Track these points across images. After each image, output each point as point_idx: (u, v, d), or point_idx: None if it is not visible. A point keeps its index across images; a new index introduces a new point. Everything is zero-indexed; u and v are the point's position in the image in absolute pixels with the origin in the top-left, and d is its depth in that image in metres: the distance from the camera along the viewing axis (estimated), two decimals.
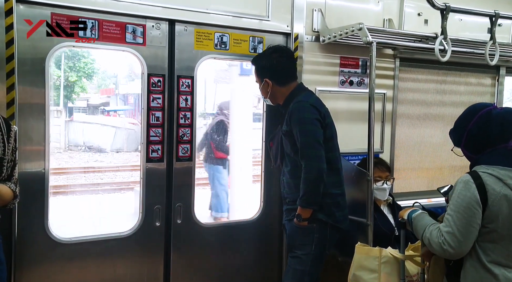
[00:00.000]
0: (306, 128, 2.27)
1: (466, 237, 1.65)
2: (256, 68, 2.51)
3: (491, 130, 1.71)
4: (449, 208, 1.71)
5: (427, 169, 3.48)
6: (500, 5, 3.07)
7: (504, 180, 1.63)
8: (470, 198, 1.63)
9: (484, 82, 3.63)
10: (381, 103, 3.13)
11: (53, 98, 11.54)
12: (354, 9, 3.01)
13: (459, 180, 1.70)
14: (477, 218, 1.63)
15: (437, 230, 1.71)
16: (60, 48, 2.26)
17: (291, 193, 2.41)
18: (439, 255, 1.77)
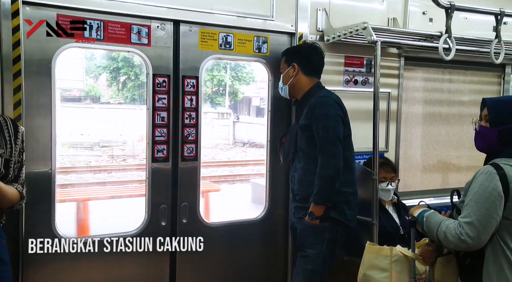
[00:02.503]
0: (329, 123, 2.28)
1: (485, 227, 1.62)
2: (287, 54, 2.56)
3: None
4: (469, 199, 1.67)
5: (432, 168, 3.47)
6: (506, 3, 3.05)
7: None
8: (492, 189, 1.62)
9: (489, 81, 3.61)
10: (386, 102, 3.12)
11: (221, 102, 14.68)
12: (358, 8, 3.01)
13: (480, 171, 1.69)
14: (499, 209, 1.62)
15: (454, 223, 1.68)
16: (65, 49, 2.28)
17: (303, 190, 2.40)
18: (455, 248, 1.73)
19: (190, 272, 2.65)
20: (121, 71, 12.29)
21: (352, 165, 2.43)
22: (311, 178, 2.31)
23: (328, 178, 2.25)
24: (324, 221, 2.31)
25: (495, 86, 3.61)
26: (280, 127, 2.82)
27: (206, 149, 10.90)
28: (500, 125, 1.72)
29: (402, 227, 2.71)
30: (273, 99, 2.82)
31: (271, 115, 2.84)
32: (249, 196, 6.78)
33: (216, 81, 13.96)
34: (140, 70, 10.84)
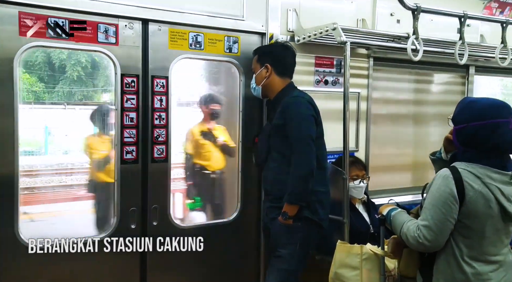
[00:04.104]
0: (302, 123, 2.30)
1: (441, 230, 1.69)
2: (259, 54, 2.55)
3: (497, 143, 1.70)
4: (427, 202, 1.74)
5: (401, 167, 3.54)
6: (469, 6, 3.14)
7: (482, 179, 1.67)
8: (448, 193, 1.67)
9: (454, 81, 3.72)
10: (355, 102, 3.16)
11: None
12: (328, 9, 3.03)
13: (439, 175, 1.74)
14: (454, 213, 1.68)
15: (414, 225, 1.75)
16: (29, 48, 2.20)
17: (276, 190, 2.40)
18: (416, 249, 1.80)
19: (161, 274, 2.61)
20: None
21: (325, 164, 2.45)
22: (284, 178, 2.32)
23: (302, 178, 2.26)
24: (298, 221, 2.31)
25: (460, 86, 3.72)
26: (252, 127, 2.82)
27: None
28: (458, 124, 1.77)
29: (372, 225, 2.76)
30: (245, 99, 2.81)
31: (242, 115, 2.83)
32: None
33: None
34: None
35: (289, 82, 2.52)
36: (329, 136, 2.67)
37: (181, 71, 2.64)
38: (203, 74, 3.24)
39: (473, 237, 1.70)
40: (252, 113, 2.84)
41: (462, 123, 1.75)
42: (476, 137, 1.71)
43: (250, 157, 2.74)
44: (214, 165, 3.23)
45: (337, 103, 2.86)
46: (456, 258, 1.71)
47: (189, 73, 3.02)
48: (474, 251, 1.71)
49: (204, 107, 3.27)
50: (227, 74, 3.01)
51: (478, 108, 1.73)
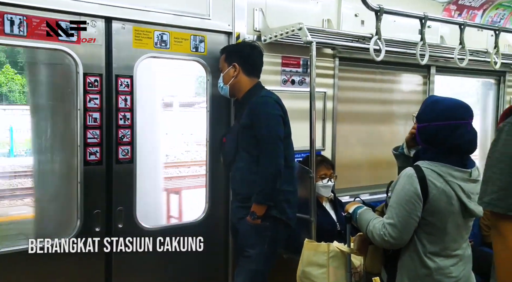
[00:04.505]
0: (270, 123, 2.30)
1: (406, 228, 1.74)
2: (227, 53, 2.54)
3: (458, 144, 1.75)
4: (392, 200, 1.78)
5: (367, 165, 3.61)
6: (429, 8, 3.24)
7: (445, 177, 1.73)
8: (412, 192, 1.72)
9: (416, 81, 3.82)
10: (322, 102, 3.20)
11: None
12: (294, 9, 3.05)
13: (403, 174, 1.78)
14: (417, 211, 1.72)
15: (380, 223, 1.79)
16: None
17: (244, 190, 2.40)
18: (381, 246, 1.84)
19: (127, 276, 2.55)
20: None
21: (292, 164, 2.47)
22: (252, 178, 2.32)
23: (270, 178, 2.27)
24: (266, 220, 2.32)
25: (422, 86, 3.83)
26: (220, 126, 2.80)
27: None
28: (421, 122, 1.83)
29: (338, 223, 2.80)
30: (212, 99, 2.79)
31: (210, 115, 2.81)
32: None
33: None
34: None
35: (256, 81, 2.52)
36: (296, 135, 2.69)
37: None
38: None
39: (435, 234, 1.75)
40: (220, 112, 2.83)
41: (425, 122, 1.80)
42: (437, 137, 1.76)
43: (218, 157, 2.73)
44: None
45: (303, 103, 2.88)
46: (419, 253, 1.75)
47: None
48: (436, 247, 1.76)
49: None
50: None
51: (440, 109, 1.78)
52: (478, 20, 3.95)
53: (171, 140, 12.42)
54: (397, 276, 1.81)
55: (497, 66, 3.49)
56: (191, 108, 11.00)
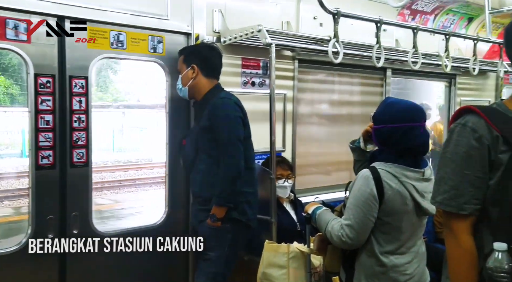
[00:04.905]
0: (230, 125, 2.29)
1: (363, 229, 1.77)
2: (185, 54, 2.51)
3: (411, 146, 1.79)
4: (349, 202, 1.81)
5: (326, 166, 3.67)
6: (384, 12, 3.33)
7: (399, 178, 1.77)
8: (368, 193, 1.75)
9: (373, 83, 3.92)
10: (282, 103, 3.23)
11: None
12: (253, 11, 3.06)
13: (360, 175, 1.82)
14: (374, 211, 1.76)
15: (338, 224, 1.82)
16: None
17: (204, 192, 2.38)
18: (339, 247, 1.87)
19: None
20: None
21: (252, 165, 2.47)
22: (212, 180, 2.30)
23: (230, 179, 2.26)
24: (226, 222, 2.31)
25: (378, 88, 3.94)
26: (179, 129, 2.77)
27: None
28: (377, 124, 1.87)
29: (299, 223, 2.82)
30: (171, 100, 2.75)
31: (169, 117, 2.77)
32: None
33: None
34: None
35: (216, 83, 2.51)
36: (257, 137, 2.70)
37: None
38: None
39: (391, 233, 1.80)
40: (179, 114, 2.79)
41: (380, 123, 1.85)
42: (391, 138, 1.81)
43: (178, 160, 2.69)
44: None
45: (264, 104, 2.89)
46: (375, 252, 1.79)
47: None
48: (392, 246, 1.81)
49: None
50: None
51: (395, 111, 1.83)
52: (430, 24, 4.10)
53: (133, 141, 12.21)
54: (355, 274, 1.85)
55: (448, 69, 3.63)
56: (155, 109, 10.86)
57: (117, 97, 12.61)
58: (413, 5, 3.89)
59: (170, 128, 2.76)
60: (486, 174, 1.25)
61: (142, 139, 11.54)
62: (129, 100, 11.73)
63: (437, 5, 4.00)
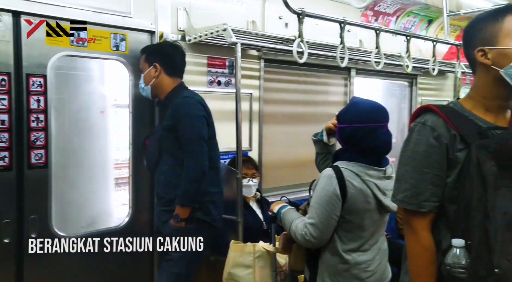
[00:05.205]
0: (193, 124, 2.26)
1: (326, 228, 1.79)
2: (147, 53, 2.46)
3: (374, 146, 1.82)
4: (313, 201, 1.83)
5: (292, 165, 3.69)
6: (348, 13, 3.39)
7: (361, 176, 1.80)
8: (331, 192, 1.77)
9: (338, 83, 3.98)
10: (248, 103, 3.22)
11: None
12: (219, 9, 3.04)
13: (323, 174, 1.83)
14: (337, 210, 1.78)
15: (302, 223, 1.83)
16: None
17: (168, 193, 2.34)
18: (303, 245, 1.89)
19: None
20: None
21: (218, 165, 2.45)
22: (176, 181, 2.27)
23: (194, 179, 2.23)
24: (190, 223, 2.28)
25: (343, 88, 4.00)
26: (143, 128, 2.71)
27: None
28: (341, 123, 1.90)
29: (265, 222, 2.83)
30: (135, 100, 2.69)
31: (133, 117, 2.71)
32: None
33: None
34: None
35: (179, 82, 2.48)
36: (223, 136, 2.69)
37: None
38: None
39: (354, 231, 1.83)
40: (143, 114, 2.73)
41: (344, 123, 1.87)
42: (354, 138, 1.83)
43: (142, 160, 2.64)
44: None
45: (230, 104, 2.88)
46: (339, 250, 1.82)
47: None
48: (355, 243, 1.84)
49: None
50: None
51: (359, 111, 1.86)
52: (392, 26, 4.21)
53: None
54: (318, 272, 1.87)
55: (409, 70, 3.73)
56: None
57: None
58: (376, 7, 3.98)
59: (134, 128, 2.71)
60: (444, 172, 1.28)
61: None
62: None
63: (398, 7, 4.11)
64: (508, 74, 1.25)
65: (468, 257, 1.18)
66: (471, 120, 1.30)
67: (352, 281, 1.81)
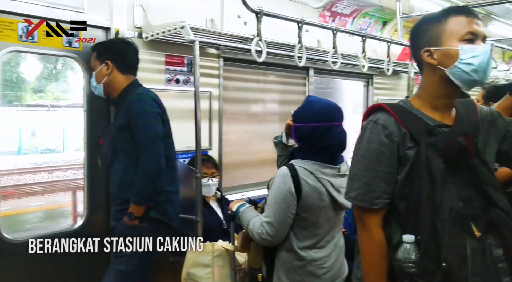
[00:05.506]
0: (148, 121, 2.21)
1: (282, 226, 1.81)
2: (98, 50, 2.39)
3: (329, 145, 1.85)
4: (269, 199, 1.84)
5: (253, 163, 3.71)
6: (306, 13, 3.43)
7: (316, 174, 1.82)
8: (287, 191, 1.79)
9: (297, 82, 4.02)
10: (207, 102, 3.20)
11: None
12: (177, 7, 2.99)
13: (278, 173, 1.85)
14: (292, 208, 1.80)
15: (258, 221, 1.84)
16: None
17: (123, 192, 2.28)
18: (260, 244, 1.90)
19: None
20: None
21: (174, 163, 2.42)
22: (131, 180, 2.22)
23: (150, 177, 2.19)
24: (144, 221, 2.24)
25: (301, 87, 4.05)
26: (99, 127, 2.63)
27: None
28: (297, 122, 1.92)
29: (225, 221, 2.82)
30: (89, 97, 2.61)
31: (87, 115, 2.63)
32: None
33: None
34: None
35: (133, 79, 2.42)
36: (183, 135, 2.66)
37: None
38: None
39: (309, 228, 1.86)
40: (98, 112, 2.65)
41: (300, 122, 1.89)
42: (310, 137, 1.86)
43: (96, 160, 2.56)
44: None
45: (190, 102, 2.85)
46: (294, 247, 1.84)
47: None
48: (310, 240, 1.86)
49: None
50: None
51: (315, 110, 1.88)
52: (349, 26, 4.30)
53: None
54: (275, 269, 1.88)
55: (365, 70, 3.83)
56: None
57: (41, 96, 11.73)
58: (333, 8, 4.05)
59: (88, 127, 2.63)
60: (395, 170, 1.32)
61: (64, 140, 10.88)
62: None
63: (355, 8, 4.20)
64: (453, 73, 1.30)
65: (418, 252, 1.21)
66: (420, 118, 1.34)
67: (307, 277, 1.84)
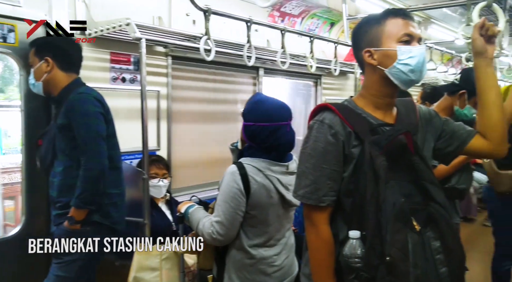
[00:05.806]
0: (89, 121, 2.11)
1: (232, 224, 1.80)
2: (37, 46, 2.24)
3: (278, 144, 1.85)
4: (219, 198, 1.83)
5: (203, 164, 3.67)
6: (255, 13, 3.44)
7: (264, 171, 1.82)
8: (235, 189, 1.78)
9: (247, 81, 4.03)
10: (155, 101, 3.13)
11: None
12: (122, 3, 2.90)
13: (227, 172, 1.84)
14: (242, 206, 1.79)
15: (208, 221, 1.82)
16: None
17: (63, 196, 2.17)
18: (211, 244, 1.88)
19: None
20: None
21: (119, 165, 2.33)
22: (73, 182, 2.12)
23: (92, 179, 2.10)
24: (86, 225, 2.14)
25: (251, 86, 4.06)
26: (38, 128, 2.49)
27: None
28: (246, 121, 1.91)
29: (174, 223, 2.77)
30: (28, 96, 2.47)
31: (25, 115, 2.48)
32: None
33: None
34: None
35: (75, 77, 2.30)
36: (130, 135, 2.58)
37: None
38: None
39: (258, 226, 1.86)
40: (37, 112, 2.51)
41: (249, 121, 1.89)
42: (259, 136, 1.86)
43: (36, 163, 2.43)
44: None
45: (137, 102, 2.77)
46: (244, 246, 1.84)
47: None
48: (260, 238, 1.87)
49: None
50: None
51: (262, 110, 1.88)
52: (298, 27, 4.36)
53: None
54: (225, 268, 1.87)
55: (313, 70, 3.90)
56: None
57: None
58: (282, 8, 4.09)
59: (26, 127, 2.48)
60: (341, 168, 1.35)
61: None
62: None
63: (303, 9, 4.27)
64: (392, 74, 1.36)
65: (364, 247, 1.25)
66: (364, 117, 1.38)
67: (258, 276, 1.85)
